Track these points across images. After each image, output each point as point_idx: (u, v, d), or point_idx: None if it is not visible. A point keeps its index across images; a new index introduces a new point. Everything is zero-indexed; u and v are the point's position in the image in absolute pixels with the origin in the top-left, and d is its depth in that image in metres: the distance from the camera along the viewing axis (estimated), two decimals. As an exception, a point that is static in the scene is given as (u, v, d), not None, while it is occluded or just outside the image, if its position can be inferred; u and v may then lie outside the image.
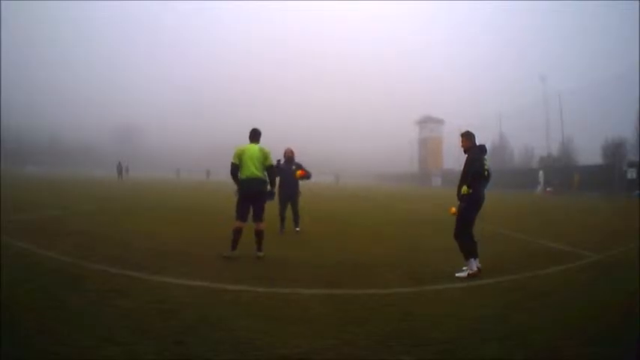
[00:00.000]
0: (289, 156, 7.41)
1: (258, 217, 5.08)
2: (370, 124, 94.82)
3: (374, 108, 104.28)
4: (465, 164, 4.54)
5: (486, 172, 4.48)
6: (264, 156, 5.11)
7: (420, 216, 11.82)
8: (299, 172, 7.06)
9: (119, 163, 35.26)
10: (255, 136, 5.28)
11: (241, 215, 5.00)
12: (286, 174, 7.19)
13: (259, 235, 5.05)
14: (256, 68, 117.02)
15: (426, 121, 66.25)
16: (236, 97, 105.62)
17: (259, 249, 5.06)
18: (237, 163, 5.08)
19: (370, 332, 2.72)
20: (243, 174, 5.05)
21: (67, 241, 5.61)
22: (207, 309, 3.08)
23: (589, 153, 37.30)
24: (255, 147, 5.16)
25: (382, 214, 12.39)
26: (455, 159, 47.52)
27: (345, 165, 76.98)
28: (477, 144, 4.63)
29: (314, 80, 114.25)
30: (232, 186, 5.30)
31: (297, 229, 7.27)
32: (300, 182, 7.37)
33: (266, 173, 5.13)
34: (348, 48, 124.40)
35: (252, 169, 5.00)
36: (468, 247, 4.39)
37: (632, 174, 23.54)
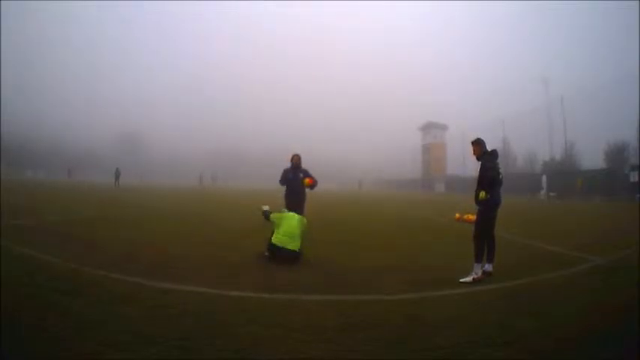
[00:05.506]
0: (296, 163, 7.21)
1: None
2: (373, 131, 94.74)
3: (376, 114, 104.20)
4: (480, 170, 4.69)
5: (500, 177, 4.62)
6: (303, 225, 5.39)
7: (425, 222, 11.83)
8: (307, 181, 6.93)
9: (116, 169, 35.40)
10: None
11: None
12: (293, 181, 7.09)
13: None
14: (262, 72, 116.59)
15: (429, 127, 66.29)
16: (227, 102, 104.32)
17: None
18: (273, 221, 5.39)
19: (373, 338, 2.73)
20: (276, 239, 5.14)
21: (67, 246, 5.65)
22: (209, 315, 3.09)
23: (592, 157, 37.32)
24: (295, 216, 5.40)
25: (388, 219, 12.40)
26: (458, 165, 47.65)
27: (349, 171, 77.02)
28: (488, 149, 4.80)
29: (316, 85, 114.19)
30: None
31: None
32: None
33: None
34: (347, 49, 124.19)
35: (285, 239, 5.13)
36: (480, 250, 4.49)
37: (634, 177, 23.49)
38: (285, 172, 7.18)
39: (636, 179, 23.16)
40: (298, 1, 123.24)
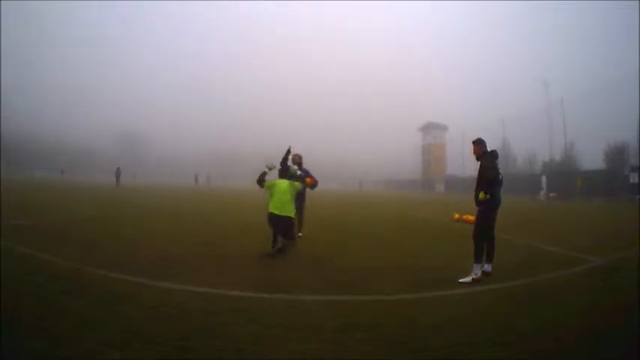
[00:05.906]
0: (297, 162, 7.27)
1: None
2: (373, 132, 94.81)
3: (377, 115, 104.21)
4: (480, 170, 4.67)
5: (500, 177, 4.61)
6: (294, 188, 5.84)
7: (425, 223, 11.83)
8: (308, 180, 6.93)
9: (117, 169, 35.39)
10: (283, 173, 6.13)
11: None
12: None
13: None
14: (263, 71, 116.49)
15: (429, 128, 66.39)
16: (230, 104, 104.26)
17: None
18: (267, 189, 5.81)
19: (372, 338, 2.73)
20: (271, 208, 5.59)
21: (67, 245, 5.65)
22: (209, 315, 3.09)
23: (592, 158, 37.36)
24: (285, 182, 5.83)
25: (388, 219, 12.40)
26: (458, 165, 47.69)
27: (350, 172, 77.11)
28: (488, 150, 4.78)
29: (316, 85, 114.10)
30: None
31: (300, 234, 7.27)
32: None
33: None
34: (347, 50, 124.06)
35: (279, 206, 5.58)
36: (479, 251, 4.49)
37: (634, 178, 23.51)
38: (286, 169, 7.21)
39: (636, 180, 23.19)
40: (298, 1, 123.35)
